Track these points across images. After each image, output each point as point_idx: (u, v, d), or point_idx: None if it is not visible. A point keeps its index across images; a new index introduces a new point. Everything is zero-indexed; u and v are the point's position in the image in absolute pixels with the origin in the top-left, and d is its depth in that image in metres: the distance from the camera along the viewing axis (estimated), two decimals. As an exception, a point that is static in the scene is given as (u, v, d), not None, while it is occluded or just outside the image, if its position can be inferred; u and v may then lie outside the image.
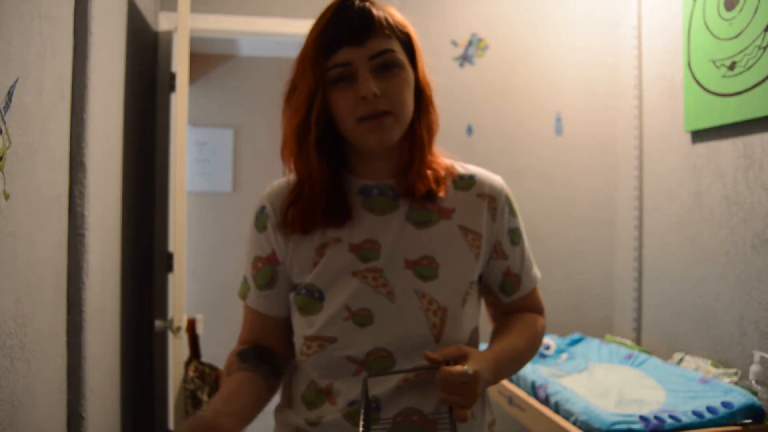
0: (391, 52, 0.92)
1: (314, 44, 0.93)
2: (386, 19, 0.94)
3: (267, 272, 1.00)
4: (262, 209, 1.01)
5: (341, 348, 0.93)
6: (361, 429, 0.85)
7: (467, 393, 0.85)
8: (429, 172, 0.99)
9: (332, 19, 0.93)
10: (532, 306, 1.09)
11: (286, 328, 1.04)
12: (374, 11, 0.93)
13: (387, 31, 0.93)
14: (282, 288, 1.00)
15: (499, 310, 1.09)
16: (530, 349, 1.05)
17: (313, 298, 0.95)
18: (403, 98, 0.93)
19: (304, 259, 0.97)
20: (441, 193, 1.00)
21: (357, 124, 0.92)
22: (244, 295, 1.04)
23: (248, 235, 1.04)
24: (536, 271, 1.10)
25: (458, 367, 0.85)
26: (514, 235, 1.05)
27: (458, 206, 1.01)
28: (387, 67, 0.92)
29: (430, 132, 1.00)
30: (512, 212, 1.05)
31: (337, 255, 0.95)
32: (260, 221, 1.01)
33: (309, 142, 0.95)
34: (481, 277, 1.04)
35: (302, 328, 0.98)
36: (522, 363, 1.04)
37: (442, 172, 1.02)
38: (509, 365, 1.00)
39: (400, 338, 0.93)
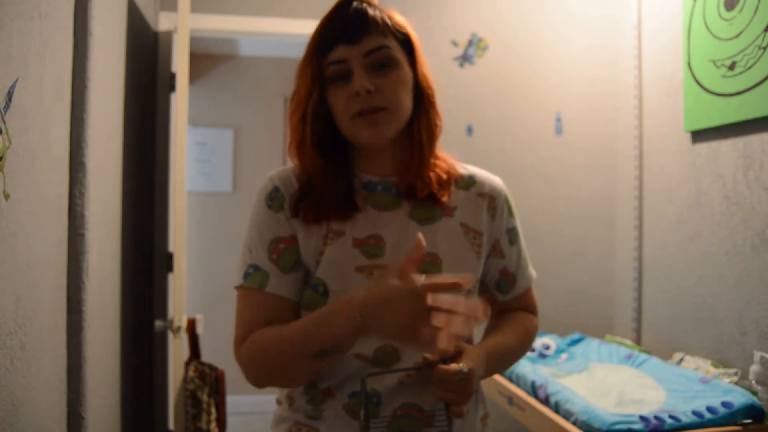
0: (386, 48, 0.93)
1: (312, 44, 0.96)
2: (383, 19, 0.95)
3: (293, 253, 0.95)
4: (276, 189, 0.98)
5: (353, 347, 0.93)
6: None
7: (462, 390, 0.88)
8: (431, 174, 0.99)
9: (329, 20, 0.95)
10: (526, 305, 1.12)
11: (298, 316, 0.97)
12: (370, 11, 0.95)
13: (383, 30, 0.94)
14: (303, 271, 0.97)
15: (494, 309, 1.11)
16: (522, 347, 1.08)
17: (317, 293, 0.95)
18: (397, 95, 0.94)
19: (313, 247, 0.96)
20: (444, 198, 1.00)
21: (351, 120, 0.93)
22: (261, 284, 0.94)
23: (259, 218, 0.97)
24: (532, 271, 1.12)
25: (453, 366, 0.87)
26: (512, 235, 1.07)
27: (459, 205, 1.02)
28: (382, 65, 0.93)
29: (431, 133, 1.00)
30: (510, 213, 1.08)
31: (340, 249, 0.95)
32: (276, 201, 0.97)
33: (306, 138, 0.97)
34: None
35: None
36: (513, 360, 1.08)
37: (445, 176, 1.01)
38: (500, 362, 1.03)
39: None
